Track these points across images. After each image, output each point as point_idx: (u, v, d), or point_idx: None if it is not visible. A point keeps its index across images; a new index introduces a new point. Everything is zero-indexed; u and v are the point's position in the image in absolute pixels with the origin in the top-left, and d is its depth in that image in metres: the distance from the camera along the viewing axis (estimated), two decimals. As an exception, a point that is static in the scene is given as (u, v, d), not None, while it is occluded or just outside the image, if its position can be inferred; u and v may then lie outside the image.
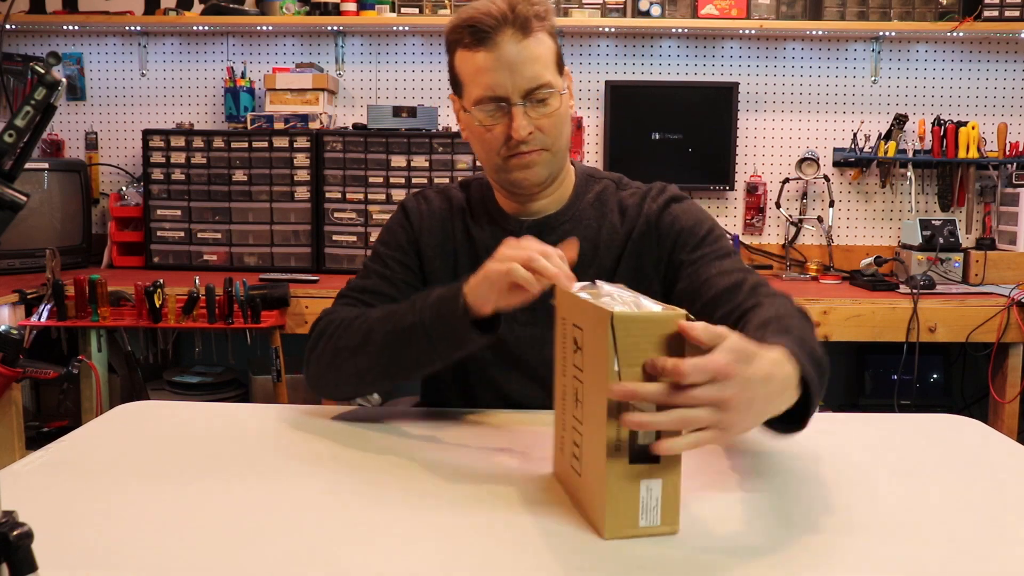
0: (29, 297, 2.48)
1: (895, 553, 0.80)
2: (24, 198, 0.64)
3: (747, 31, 3.01)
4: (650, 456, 0.80)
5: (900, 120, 3.03)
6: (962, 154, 2.95)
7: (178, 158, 2.89)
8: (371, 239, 2.83)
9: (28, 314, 2.45)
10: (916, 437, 1.20)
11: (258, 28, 3.08)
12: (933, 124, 3.00)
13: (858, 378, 3.04)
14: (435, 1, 2.94)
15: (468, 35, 1.18)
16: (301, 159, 2.85)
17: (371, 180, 2.84)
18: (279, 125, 2.91)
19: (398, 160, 2.84)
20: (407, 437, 1.14)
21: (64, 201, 2.93)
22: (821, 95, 3.12)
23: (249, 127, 2.93)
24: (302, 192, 2.86)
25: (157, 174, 2.89)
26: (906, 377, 2.71)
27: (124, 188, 3.07)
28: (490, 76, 1.17)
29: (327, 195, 2.85)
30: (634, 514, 0.81)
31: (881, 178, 3.11)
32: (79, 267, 2.93)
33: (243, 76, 3.07)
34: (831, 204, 3.05)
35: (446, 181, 2.23)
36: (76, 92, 3.19)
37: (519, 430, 1.18)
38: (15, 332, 2.11)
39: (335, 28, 3.07)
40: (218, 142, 2.87)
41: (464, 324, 1.04)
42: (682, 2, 2.92)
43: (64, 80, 0.68)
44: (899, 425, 1.27)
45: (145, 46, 3.17)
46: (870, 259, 2.81)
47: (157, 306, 2.33)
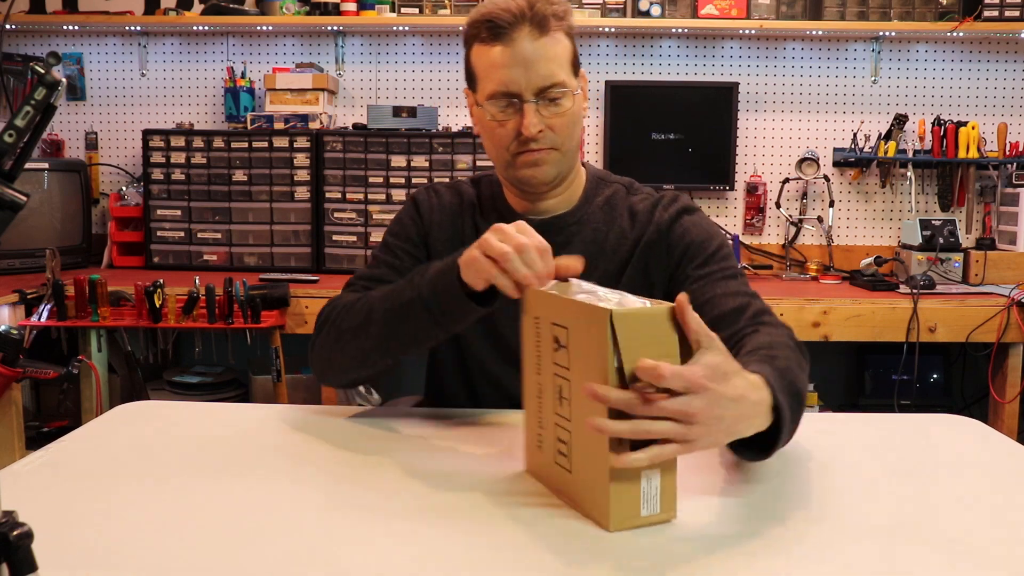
0: (29, 297, 2.48)
1: (895, 553, 0.80)
2: (24, 198, 0.64)
3: (747, 31, 3.01)
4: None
5: (900, 120, 3.03)
6: (962, 154, 2.95)
7: (178, 158, 2.89)
8: (371, 239, 2.83)
9: (28, 314, 2.45)
10: (916, 437, 1.20)
11: (258, 28, 3.08)
12: (933, 124, 3.00)
13: (858, 378, 3.04)
14: (435, 1, 2.94)
15: (485, 30, 1.19)
16: (301, 159, 2.85)
17: (371, 180, 2.84)
18: (279, 125, 2.91)
19: (398, 160, 2.84)
20: (407, 437, 1.14)
21: (64, 201, 2.93)
22: (821, 95, 3.12)
23: (249, 127, 2.93)
24: (302, 192, 2.86)
25: (157, 174, 2.89)
26: (906, 377, 2.71)
27: (124, 188, 3.07)
28: (504, 72, 1.18)
29: (327, 195, 2.85)
30: (636, 505, 0.84)
31: (881, 178, 3.11)
32: (79, 267, 2.93)
33: (243, 76, 3.07)
34: (831, 204, 3.05)
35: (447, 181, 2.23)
36: (76, 92, 3.19)
37: (518, 429, 1.17)
38: (15, 332, 2.11)
39: (335, 28, 3.07)
40: (218, 142, 2.87)
41: (460, 297, 1.04)
42: (682, 2, 2.92)
43: (64, 80, 0.68)
44: (899, 425, 1.27)
45: (145, 46, 3.17)
46: (870, 259, 2.81)
47: (157, 306, 2.33)
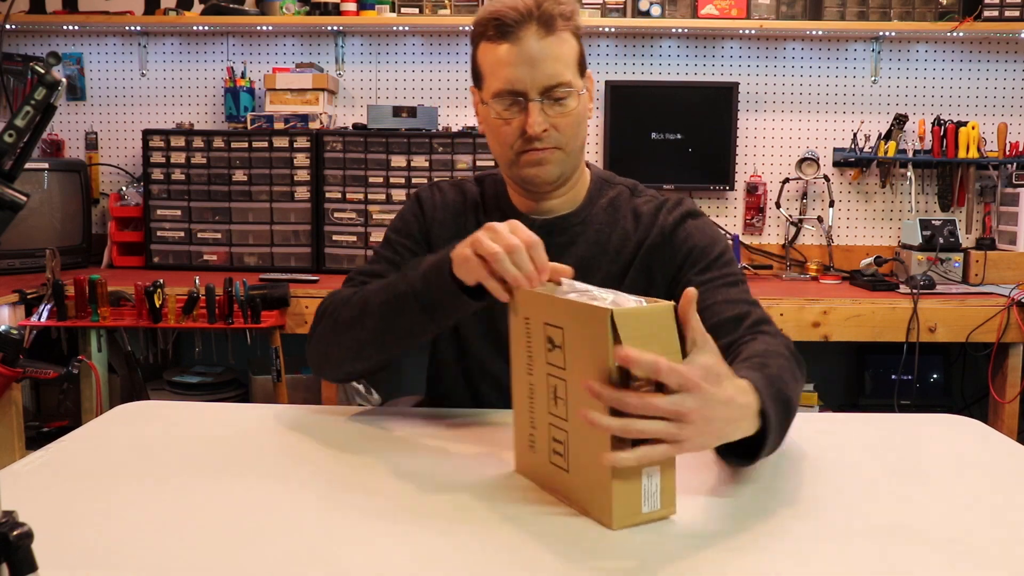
0: (29, 297, 2.48)
1: (895, 553, 0.80)
2: (24, 198, 0.64)
3: (747, 31, 3.01)
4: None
5: (900, 120, 3.03)
6: (962, 154, 2.95)
7: (178, 158, 2.89)
8: (371, 239, 2.83)
9: (28, 314, 2.45)
10: (916, 437, 1.20)
11: (258, 28, 3.08)
12: (933, 124, 3.00)
13: (858, 378, 3.04)
14: (435, 1, 2.94)
15: (492, 28, 1.19)
16: (301, 159, 2.85)
17: (371, 180, 2.84)
18: (279, 125, 2.91)
19: (398, 160, 2.84)
20: (408, 437, 1.14)
21: (64, 201, 2.93)
22: (821, 95, 3.12)
23: (249, 127, 2.93)
24: (302, 192, 2.86)
25: (157, 174, 2.89)
26: (906, 377, 2.71)
27: (124, 188, 3.07)
28: (510, 70, 1.18)
29: (327, 195, 2.85)
30: (637, 502, 0.84)
31: (881, 178, 3.11)
32: (79, 267, 2.93)
33: (243, 76, 3.07)
34: (831, 204, 3.05)
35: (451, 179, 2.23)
36: (76, 92, 3.19)
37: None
38: (15, 332, 2.11)
39: (335, 28, 3.07)
40: (218, 142, 2.87)
41: (453, 292, 1.04)
42: (682, 2, 2.92)
43: (64, 80, 0.68)
44: (899, 425, 1.27)
45: (145, 46, 3.17)
46: (870, 259, 2.81)
47: (157, 306, 2.33)
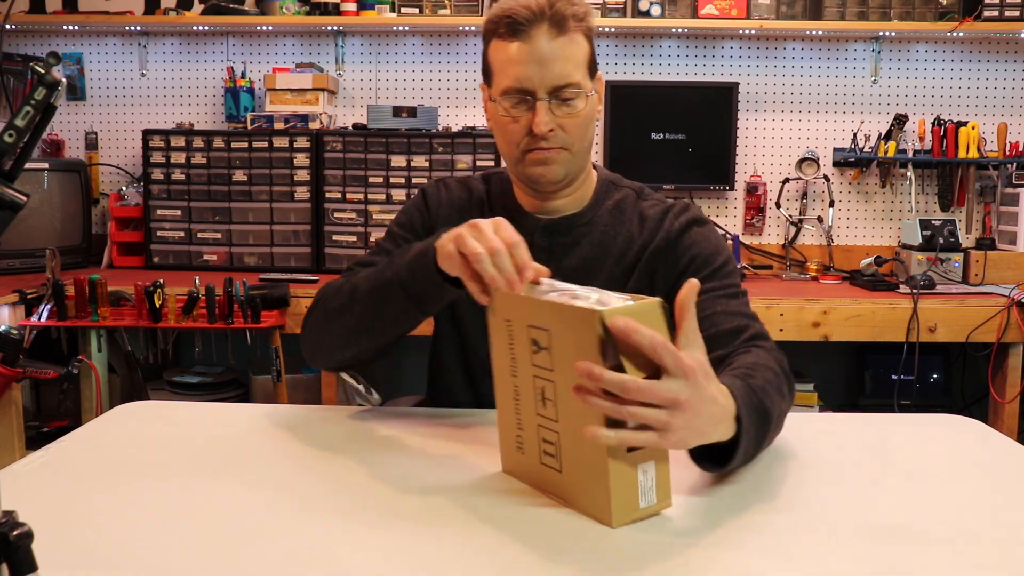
0: (29, 297, 2.48)
1: (895, 553, 0.80)
2: (24, 198, 0.64)
3: (747, 31, 3.01)
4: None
5: (900, 120, 3.03)
6: (962, 154, 2.95)
7: (178, 158, 2.89)
8: (371, 239, 2.83)
9: (28, 314, 2.45)
10: (916, 437, 1.20)
11: (258, 28, 3.08)
12: (933, 124, 3.00)
13: (858, 378, 3.04)
14: (435, 1, 2.94)
15: (504, 26, 1.19)
16: (301, 159, 2.85)
17: (371, 180, 2.84)
18: (279, 125, 2.91)
19: (398, 160, 2.84)
20: (408, 437, 1.14)
21: (64, 201, 2.93)
22: (821, 95, 3.12)
23: (249, 127, 2.93)
24: (302, 192, 2.86)
25: (157, 174, 2.89)
26: (906, 377, 2.71)
27: (124, 188, 3.07)
28: (519, 68, 1.18)
29: (327, 195, 2.86)
30: (635, 498, 0.84)
31: (881, 178, 3.11)
32: (79, 267, 2.93)
33: (243, 76, 3.07)
34: (831, 204, 3.05)
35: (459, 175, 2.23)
36: (76, 92, 3.19)
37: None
38: (15, 332, 2.11)
39: (335, 28, 3.07)
40: (218, 142, 2.87)
41: (437, 282, 1.04)
42: (682, 2, 2.92)
43: (64, 80, 0.68)
44: (899, 425, 1.27)
45: (145, 46, 3.17)
46: (870, 259, 2.81)
47: (157, 306, 2.33)
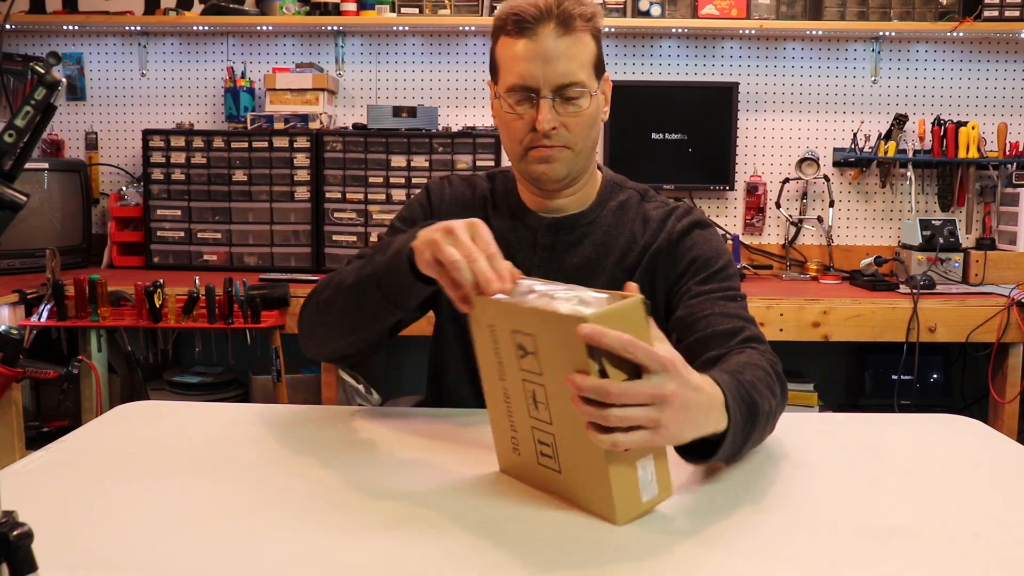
0: (29, 297, 2.48)
1: (895, 553, 0.80)
2: (24, 198, 0.64)
3: (747, 31, 3.01)
4: None
5: (900, 120, 3.03)
6: (962, 154, 2.95)
7: (178, 158, 2.89)
8: (371, 239, 2.84)
9: (28, 314, 2.45)
10: (916, 437, 1.20)
11: (258, 28, 3.08)
12: (933, 124, 3.00)
13: (858, 378, 3.04)
14: (435, 1, 2.94)
15: (511, 23, 1.20)
16: (301, 159, 2.85)
17: (371, 180, 2.84)
18: (279, 125, 2.91)
19: (398, 160, 2.84)
20: (409, 437, 1.14)
21: (64, 201, 2.93)
22: (821, 95, 3.12)
23: (249, 127, 2.93)
24: (302, 192, 2.86)
25: (157, 174, 2.89)
26: (906, 377, 2.71)
27: (124, 188, 3.08)
28: (524, 65, 1.19)
29: (327, 195, 2.85)
30: (637, 493, 0.85)
31: (881, 178, 3.11)
32: (79, 267, 2.93)
33: (243, 76, 3.07)
34: (831, 204, 3.05)
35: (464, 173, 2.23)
36: (76, 92, 3.19)
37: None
38: (15, 332, 2.11)
39: (335, 28, 3.07)
40: (218, 142, 2.87)
41: (411, 281, 1.03)
42: (682, 2, 2.92)
43: (64, 80, 0.68)
44: (899, 425, 1.27)
45: (145, 46, 3.17)
46: (870, 259, 2.81)
47: (157, 306, 2.33)
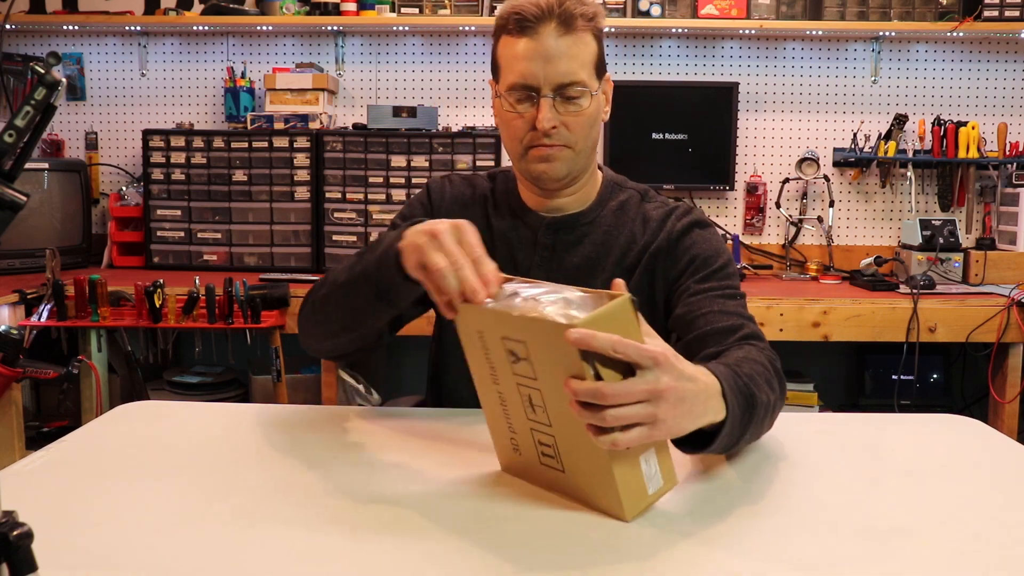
0: (29, 297, 2.48)
1: (895, 553, 0.80)
2: (24, 198, 0.64)
3: (747, 31, 3.01)
4: None
5: (900, 120, 3.03)
6: (962, 154, 2.95)
7: (178, 158, 2.89)
8: (371, 239, 2.84)
9: (28, 314, 2.45)
10: (916, 437, 1.20)
11: (258, 28, 3.08)
12: (933, 124, 3.00)
13: (858, 378, 3.04)
14: (435, 1, 2.94)
15: (513, 22, 1.20)
16: (301, 159, 2.85)
17: (371, 180, 2.84)
18: (279, 125, 2.91)
19: (398, 160, 2.84)
20: (407, 436, 1.14)
21: (64, 201, 2.93)
22: (821, 95, 3.12)
23: (249, 127, 2.93)
24: (302, 192, 2.86)
25: (157, 174, 2.89)
26: (906, 377, 2.71)
27: (124, 188, 3.08)
28: (525, 64, 1.19)
29: (327, 195, 2.86)
30: (643, 487, 0.85)
31: (881, 178, 3.11)
32: (79, 267, 2.93)
33: (243, 76, 3.07)
34: (831, 204, 3.05)
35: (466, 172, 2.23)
36: (76, 92, 3.19)
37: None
38: (15, 332, 2.11)
39: (335, 28, 3.07)
40: (218, 142, 2.87)
41: (399, 281, 1.02)
42: (682, 2, 2.92)
43: (64, 80, 0.68)
44: (899, 425, 1.27)
45: (145, 46, 3.17)
46: (870, 259, 2.81)
47: (157, 306, 2.33)
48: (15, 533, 0.60)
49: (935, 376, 2.98)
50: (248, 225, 2.89)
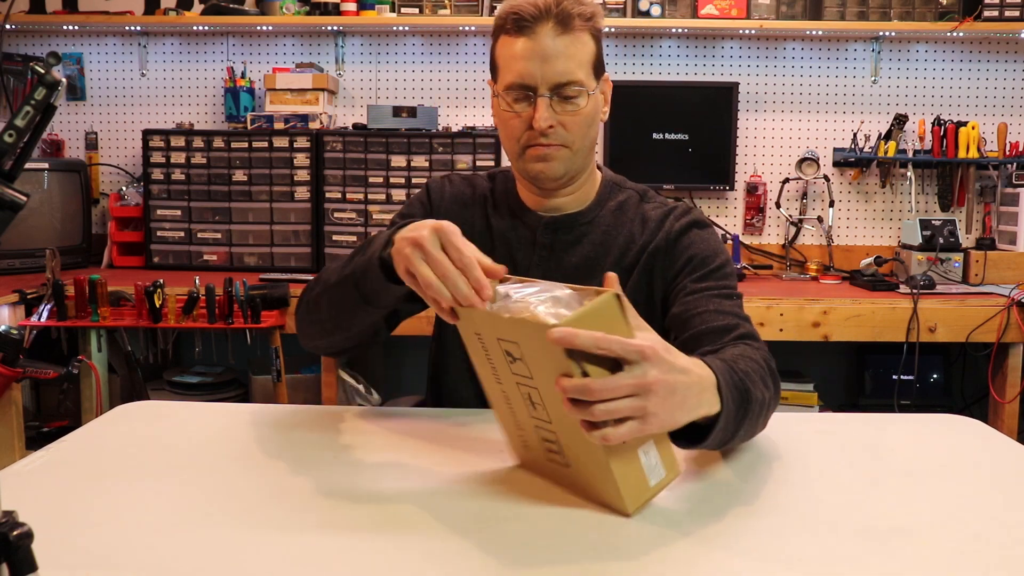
0: (29, 297, 2.48)
1: (895, 553, 0.80)
2: (24, 198, 0.64)
3: (747, 31, 3.01)
4: None
5: (900, 120, 3.03)
6: (962, 154, 2.95)
7: (178, 158, 2.89)
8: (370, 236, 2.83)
9: (28, 314, 2.45)
10: (916, 437, 1.20)
11: (258, 28, 3.08)
12: (933, 124, 3.00)
13: (858, 378, 3.04)
14: (435, 1, 2.94)
15: (510, 22, 1.21)
16: (301, 159, 2.85)
17: (371, 180, 2.84)
18: (279, 125, 2.91)
19: (398, 160, 2.84)
20: (408, 436, 1.14)
21: (64, 201, 2.93)
22: (821, 95, 3.12)
23: (249, 127, 2.93)
24: (302, 192, 2.86)
25: (157, 174, 2.90)
26: (906, 377, 2.71)
27: (124, 188, 3.08)
28: (522, 64, 1.20)
29: (327, 195, 2.86)
30: (644, 480, 0.86)
31: (881, 178, 3.11)
32: (79, 267, 2.93)
33: (243, 76, 3.07)
34: (831, 204, 3.05)
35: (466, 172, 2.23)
36: (76, 92, 3.19)
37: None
38: (15, 332, 2.11)
39: (335, 28, 3.07)
40: (218, 142, 2.87)
41: (386, 285, 1.02)
42: (682, 2, 2.92)
43: (64, 80, 0.68)
44: (899, 425, 1.27)
45: (145, 46, 3.17)
46: (870, 259, 2.81)
47: (157, 306, 2.33)
48: (15, 533, 0.60)
49: (935, 376, 2.98)
50: (248, 225, 2.89)
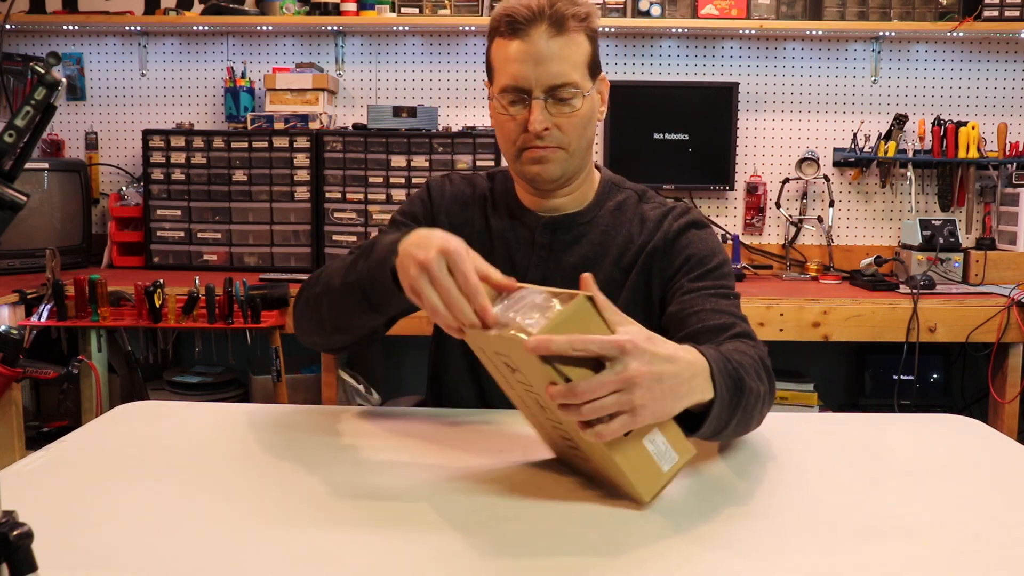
0: (29, 297, 2.48)
1: (895, 553, 0.80)
2: (24, 198, 0.64)
3: (747, 31, 3.01)
4: None
5: (900, 120, 3.03)
6: (962, 154, 2.95)
7: (178, 158, 2.89)
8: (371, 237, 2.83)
9: (28, 314, 2.45)
10: (916, 437, 1.20)
11: (258, 28, 3.08)
12: (933, 124, 3.00)
13: (858, 378, 3.04)
14: (435, 1, 2.94)
15: (505, 24, 1.21)
16: (301, 159, 2.85)
17: (371, 180, 2.85)
18: (279, 125, 2.91)
19: (398, 160, 2.84)
20: (408, 436, 1.14)
21: (64, 201, 2.93)
22: (821, 95, 3.12)
23: (249, 127, 2.93)
24: (302, 192, 2.86)
25: (157, 174, 2.90)
26: (906, 377, 2.71)
27: (124, 188, 3.08)
28: (516, 66, 1.20)
29: (327, 195, 2.86)
30: (656, 468, 0.86)
31: (881, 178, 3.11)
32: (79, 267, 2.93)
33: (243, 76, 3.07)
34: (831, 204, 3.05)
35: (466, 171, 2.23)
36: (76, 92, 3.19)
37: (518, 427, 1.17)
38: (15, 332, 2.11)
39: (335, 28, 3.07)
40: (218, 142, 2.87)
41: (393, 291, 1.02)
42: (682, 2, 2.92)
43: (64, 80, 0.68)
44: (899, 425, 1.27)
45: (145, 46, 3.17)
46: (870, 259, 2.81)
47: (157, 306, 2.33)
48: (15, 533, 0.60)
49: (935, 376, 2.98)
50: (248, 225, 2.89)
